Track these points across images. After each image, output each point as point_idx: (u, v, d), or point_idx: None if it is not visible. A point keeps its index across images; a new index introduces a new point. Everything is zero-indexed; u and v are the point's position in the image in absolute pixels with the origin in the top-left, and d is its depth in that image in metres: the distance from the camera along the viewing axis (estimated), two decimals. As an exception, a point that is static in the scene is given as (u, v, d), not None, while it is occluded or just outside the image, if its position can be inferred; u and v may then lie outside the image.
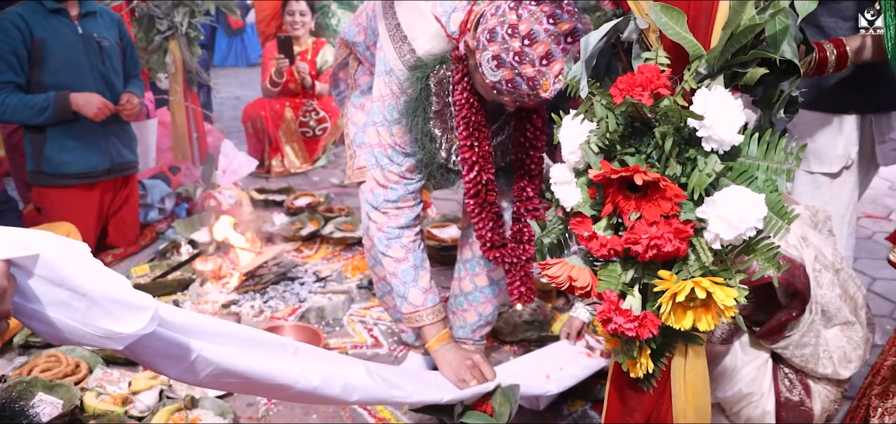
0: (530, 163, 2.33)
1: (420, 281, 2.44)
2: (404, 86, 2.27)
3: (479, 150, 2.25)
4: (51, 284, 1.26)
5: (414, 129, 2.28)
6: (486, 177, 2.29)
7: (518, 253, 2.38)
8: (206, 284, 3.65)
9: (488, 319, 2.79)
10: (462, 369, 2.32)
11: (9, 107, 3.65)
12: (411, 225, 2.44)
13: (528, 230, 2.37)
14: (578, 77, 1.45)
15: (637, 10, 1.45)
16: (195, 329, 1.58)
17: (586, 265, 1.49)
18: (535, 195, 2.36)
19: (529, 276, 2.43)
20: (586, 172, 1.44)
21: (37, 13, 3.73)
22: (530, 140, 2.30)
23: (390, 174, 2.38)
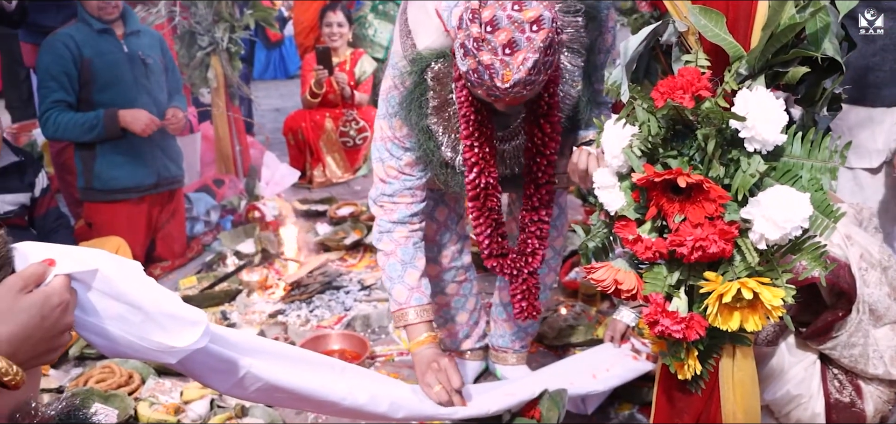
0: (538, 171, 2.21)
1: (407, 278, 2.35)
2: (403, 79, 2.22)
3: (480, 152, 2.15)
4: (109, 298, 1.30)
5: (409, 123, 2.23)
6: (485, 180, 2.19)
7: (519, 265, 2.30)
8: (253, 295, 3.70)
9: (528, 331, 2.80)
10: (428, 372, 2.21)
11: (60, 125, 3.75)
12: (406, 222, 2.36)
13: (532, 242, 2.29)
14: (619, 82, 1.46)
15: (675, 13, 1.46)
16: (244, 346, 1.62)
17: (631, 268, 1.49)
18: (542, 205, 2.25)
19: (533, 291, 2.35)
20: (629, 176, 1.45)
21: (85, 34, 3.82)
22: (538, 146, 2.17)
23: (389, 168, 2.33)
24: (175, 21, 4.87)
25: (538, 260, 2.30)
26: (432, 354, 2.27)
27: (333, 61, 5.84)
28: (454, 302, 2.82)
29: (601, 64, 2.24)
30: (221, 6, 4.93)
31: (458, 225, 2.74)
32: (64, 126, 3.76)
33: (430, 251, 2.65)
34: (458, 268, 2.76)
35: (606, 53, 2.24)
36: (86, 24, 3.84)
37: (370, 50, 6.20)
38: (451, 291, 2.79)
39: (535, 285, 2.34)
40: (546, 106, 2.09)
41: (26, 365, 1.13)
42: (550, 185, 2.22)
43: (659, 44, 1.53)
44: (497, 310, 2.81)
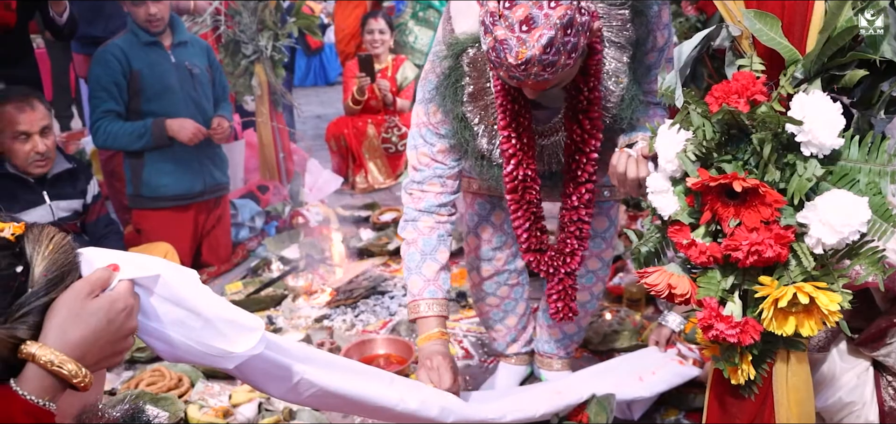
0: (577, 169, 2.13)
1: (424, 269, 2.25)
2: (439, 63, 2.16)
3: (518, 143, 2.08)
4: (169, 303, 1.33)
5: (444, 109, 2.16)
6: (523, 172, 2.11)
7: (556, 264, 2.24)
8: (298, 300, 3.73)
9: (574, 338, 2.79)
10: (421, 370, 2.14)
11: (110, 134, 3.83)
12: (433, 212, 2.26)
13: (571, 242, 2.22)
14: (673, 86, 1.47)
15: (729, 17, 1.46)
16: (297, 353, 1.64)
17: (685, 272, 1.49)
18: (582, 204, 2.17)
19: (570, 292, 2.29)
20: (683, 181, 1.45)
21: (134, 45, 3.90)
22: (577, 143, 2.09)
23: (422, 155, 2.25)
24: (220, 30, 4.94)
25: (576, 261, 2.24)
26: (433, 350, 2.18)
27: (375, 68, 5.88)
28: (505, 305, 2.77)
29: (653, 64, 2.15)
30: (265, 15, 4.99)
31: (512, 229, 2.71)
32: (114, 135, 3.84)
33: (486, 254, 2.63)
34: (511, 272, 2.70)
35: (659, 53, 2.14)
36: (134, 35, 3.91)
37: (411, 56, 6.23)
38: (503, 294, 2.74)
39: (572, 286, 2.29)
40: (586, 101, 2.02)
41: (93, 368, 1.16)
42: (590, 184, 2.14)
43: (710, 48, 1.53)
44: (544, 316, 2.80)
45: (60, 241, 1.20)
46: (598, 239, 2.56)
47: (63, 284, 1.16)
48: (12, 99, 3.22)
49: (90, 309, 1.15)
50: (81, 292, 1.16)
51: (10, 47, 3.52)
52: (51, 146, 3.28)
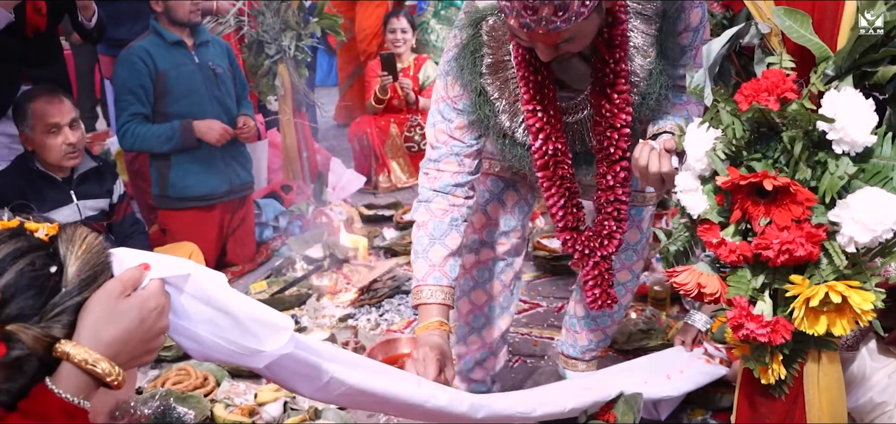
0: (610, 147, 2.01)
1: (431, 254, 2.08)
2: (458, 34, 2.07)
3: (545, 116, 1.97)
4: (199, 302, 1.33)
5: (462, 81, 2.05)
6: (553, 146, 2.01)
7: (592, 245, 2.12)
8: (323, 299, 3.75)
9: (600, 344, 2.77)
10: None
11: (139, 137, 3.87)
12: (448, 193, 2.11)
13: (609, 224, 2.10)
14: (702, 85, 1.46)
15: (758, 15, 1.45)
16: (326, 352, 1.64)
17: (714, 271, 1.49)
18: (617, 183, 2.05)
19: (607, 277, 2.18)
20: (712, 179, 1.44)
21: (159, 46, 3.93)
22: (607, 119, 1.97)
23: (439, 132, 2.12)
24: (243, 31, 4.96)
25: (614, 245, 2.13)
26: (427, 341, 1.99)
27: (397, 67, 5.89)
28: (489, 310, 2.57)
29: (688, 45, 2.03)
30: (288, 15, 5.01)
31: (524, 218, 2.54)
32: (142, 138, 3.87)
33: (489, 236, 2.48)
34: (508, 266, 2.53)
35: (694, 33, 2.01)
36: (159, 36, 3.95)
37: (433, 55, 6.24)
38: (493, 291, 2.55)
39: (609, 271, 2.18)
40: (612, 73, 1.92)
41: (126, 366, 1.17)
42: (625, 162, 2.02)
43: (738, 46, 1.52)
44: (570, 320, 2.77)
45: (93, 241, 1.21)
46: (630, 251, 2.52)
47: (96, 283, 1.17)
48: (41, 94, 3.28)
49: (122, 308, 1.16)
50: (114, 291, 1.17)
51: (41, 50, 3.56)
52: (79, 139, 3.34)
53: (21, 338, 1.07)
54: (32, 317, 1.09)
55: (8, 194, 3.24)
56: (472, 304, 2.53)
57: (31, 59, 3.54)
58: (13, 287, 1.08)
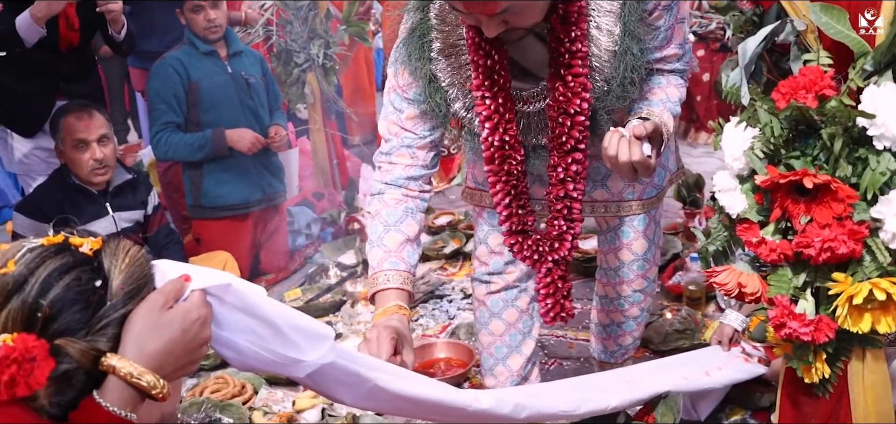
0: (562, 135, 1.84)
1: (386, 241, 1.92)
2: (408, 19, 1.94)
3: (494, 104, 1.82)
4: (240, 313, 1.34)
5: (410, 67, 1.91)
6: (500, 137, 1.86)
7: (542, 249, 1.97)
8: (357, 305, 3.77)
9: (630, 346, 2.75)
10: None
11: (172, 146, 3.91)
12: (401, 185, 1.96)
13: (559, 223, 1.94)
14: (738, 84, 1.45)
15: (793, 12, 1.44)
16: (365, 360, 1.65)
17: (754, 271, 1.48)
18: (569, 177, 1.88)
19: (561, 286, 2.02)
20: (751, 178, 1.43)
21: (192, 56, 3.98)
22: (561, 104, 1.80)
23: (391, 124, 1.99)
24: (272, 40, 4.99)
25: (566, 248, 1.97)
26: (382, 323, 1.80)
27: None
28: (510, 337, 2.44)
29: (662, 26, 1.88)
30: (316, 23, 5.03)
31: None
32: (174, 146, 3.92)
33: (496, 266, 2.36)
34: (522, 291, 2.40)
35: (667, 12, 1.86)
36: (192, 46, 3.99)
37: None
38: (510, 318, 2.42)
39: (562, 277, 2.02)
40: (567, 54, 1.76)
41: (170, 378, 1.18)
42: (578, 153, 1.86)
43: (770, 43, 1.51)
44: (596, 327, 2.74)
45: (136, 254, 1.22)
46: (640, 261, 2.44)
47: (139, 296, 1.18)
48: (72, 110, 3.32)
49: (165, 320, 1.17)
50: (156, 304, 1.18)
51: (75, 65, 3.62)
52: (109, 154, 3.36)
53: (69, 352, 1.09)
54: (79, 331, 1.11)
55: (46, 207, 3.29)
56: (492, 335, 2.45)
57: (66, 74, 3.60)
58: (60, 302, 1.10)
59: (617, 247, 2.43)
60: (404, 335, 1.76)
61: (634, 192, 2.29)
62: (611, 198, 2.30)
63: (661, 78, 1.97)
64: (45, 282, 1.10)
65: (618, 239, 2.42)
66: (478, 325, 2.49)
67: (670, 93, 1.95)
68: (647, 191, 2.31)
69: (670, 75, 1.98)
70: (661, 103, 1.90)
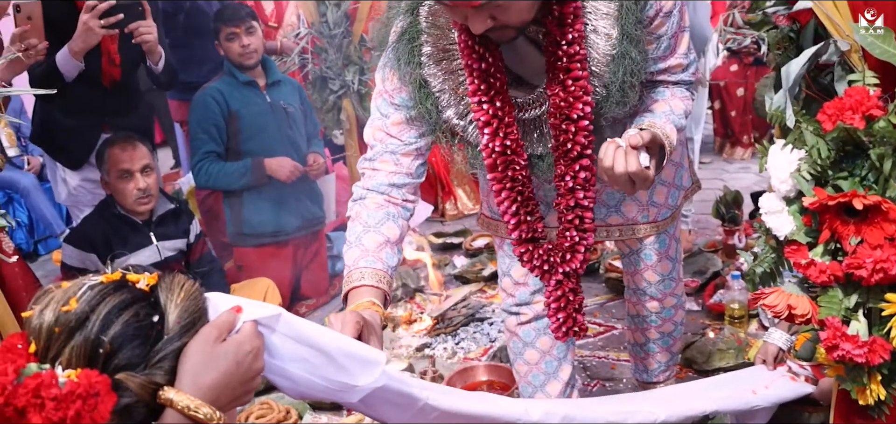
0: (567, 142, 1.78)
1: (365, 241, 1.80)
2: (397, 22, 1.87)
3: (492, 108, 1.76)
4: (291, 341, 1.36)
5: (399, 72, 1.84)
6: (501, 142, 1.79)
7: (553, 260, 1.91)
8: (398, 329, 3.78)
9: (669, 364, 2.73)
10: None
11: (212, 175, 3.98)
12: (383, 191, 1.86)
13: (571, 234, 1.87)
14: (783, 107, 1.45)
15: (835, 31, 1.44)
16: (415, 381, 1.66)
17: (803, 292, 1.47)
18: (578, 185, 1.82)
19: (572, 299, 1.96)
20: (798, 200, 1.42)
21: (231, 87, 4.05)
22: (563, 110, 1.75)
23: (376, 129, 1.90)
24: (307, 68, 5.05)
25: (578, 260, 1.90)
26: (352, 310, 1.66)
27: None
28: (546, 364, 2.39)
29: (665, 34, 1.83)
30: (350, 50, 5.08)
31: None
32: (215, 175, 3.98)
33: (523, 297, 2.32)
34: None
35: (668, 19, 1.80)
36: (232, 76, 4.06)
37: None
38: (544, 346, 2.38)
39: (573, 290, 1.95)
40: (566, 57, 1.72)
41: (226, 408, 1.21)
42: (585, 159, 1.79)
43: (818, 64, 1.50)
44: (632, 347, 2.73)
45: (191, 289, 1.25)
46: (667, 280, 2.43)
47: (194, 329, 1.21)
48: (116, 141, 3.40)
49: (219, 352, 1.20)
50: (210, 337, 1.20)
51: (120, 99, 3.69)
52: (152, 184, 3.42)
53: (129, 386, 1.11)
54: (138, 366, 1.14)
55: (93, 238, 3.37)
56: (528, 364, 2.43)
57: (110, 108, 3.67)
58: (121, 337, 1.12)
59: (641, 269, 2.42)
60: (372, 326, 1.60)
61: (648, 215, 2.26)
62: (625, 222, 2.27)
63: (666, 90, 1.91)
64: (105, 319, 1.13)
65: (640, 261, 2.41)
66: (513, 355, 2.47)
67: (674, 105, 1.88)
68: (662, 212, 2.28)
69: (675, 87, 1.92)
70: (665, 115, 1.83)
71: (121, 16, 3.28)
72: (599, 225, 2.18)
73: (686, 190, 2.39)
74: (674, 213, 2.32)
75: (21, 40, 2.99)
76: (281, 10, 5.45)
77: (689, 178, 2.42)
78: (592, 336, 3.58)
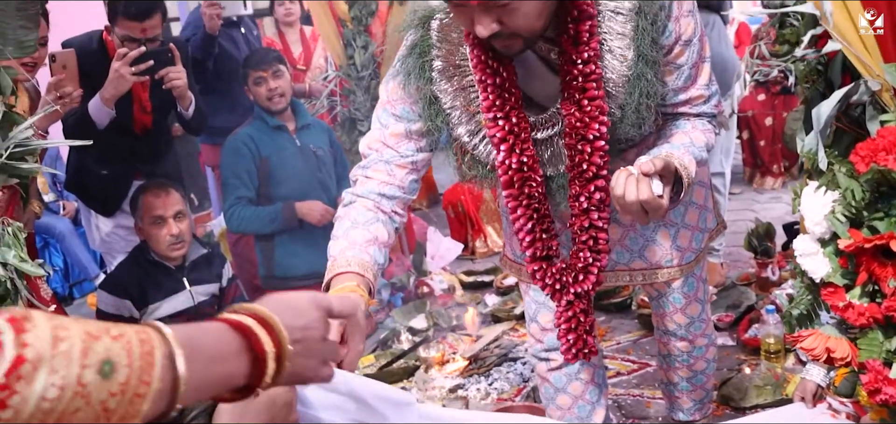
0: (582, 163, 1.74)
1: (352, 235, 1.72)
2: (406, 36, 1.84)
3: (508, 124, 1.72)
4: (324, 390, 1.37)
5: (408, 89, 1.80)
6: (518, 159, 1.75)
7: (565, 280, 1.85)
8: (431, 370, 3.78)
9: (703, 402, 2.70)
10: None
11: (244, 219, 4.02)
12: (372, 198, 1.80)
13: (585, 255, 1.83)
14: (814, 149, 1.45)
15: (865, 72, 1.44)
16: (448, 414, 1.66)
17: (842, 334, 1.46)
18: (593, 206, 1.77)
19: (583, 321, 1.90)
20: (833, 241, 1.42)
21: (262, 131, 4.10)
22: (578, 130, 1.72)
23: (373, 141, 1.87)
24: (336, 110, 5.10)
25: (591, 281, 1.86)
26: None
27: (487, 132, 5.94)
28: (578, 409, 2.36)
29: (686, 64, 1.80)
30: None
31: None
32: (247, 220, 4.02)
33: (551, 342, 2.24)
34: (582, 364, 2.31)
35: (688, 47, 1.78)
36: (262, 121, 4.11)
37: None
38: (576, 391, 2.35)
39: (584, 312, 1.90)
40: (581, 77, 1.69)
41: (261, 463, 1.21)
42: (601, 180, 1.75)
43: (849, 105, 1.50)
44: (664, 387, 2.69)
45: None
46: (697, 322, 2.37)
47: (228, 386, 1.22)
48: (150, 188, 3.46)
49: (253, 409, 1.20)
50: (241, 392, 1.21)
51: (151, 146, 3.75)
52: (184, 230, 3.47)
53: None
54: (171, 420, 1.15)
55: (127, 284, 3.41)
56: (560, 409, 2.40)
57: (143, 155, 3.73)
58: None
59: (669, 312, 2.38)
60: (355, 322, 1.47)
61: (673, 260, 2.20)
62: (649, 266, 2.22)
63: (686, 122, 1.87)
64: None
65: (668, 304, 2.36)
66: (545, 400, 2.43)
67: (695, 137, 1.83)
68: (686, 256, 2.21)
69: (696, 119, 1.88)
70: (684, 147, 1.77)
71: (151, 62, 3.35)
72: (622, 269, 2.18)
73: (711, 231, 2.33)
74: (698, 256, 2.26)
75: (56, 89, 3.05)
76: (309, 53, 5.52)
77: (714, 219, 2.35)
78: (626, 373, 3.55)
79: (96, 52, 3.47)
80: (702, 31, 1.80)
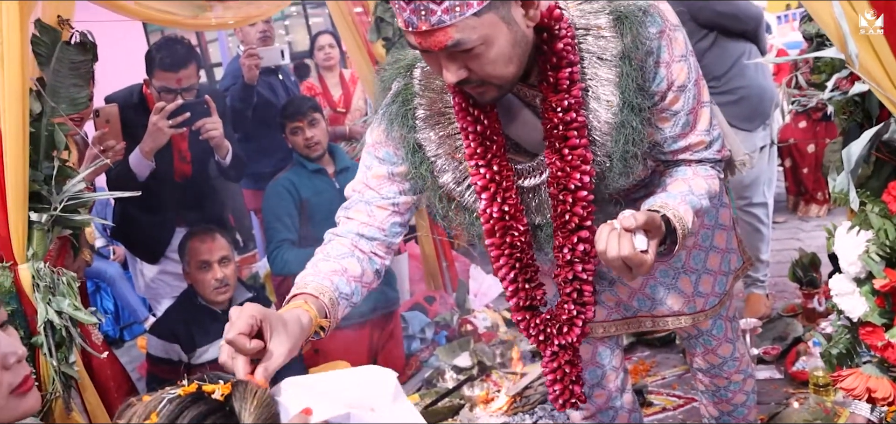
0: (566, 214, 1.70)
1: (320, 265, 1.72)
2: (386, 84, 1.83)
3: (489, 172, 1.69)
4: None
5: (391, 134, 1.79)
6: (499, 208, 1.71)
7: (549, 331, 1.80)
8: (476, 409, 3.78)
9: (745, 405, 2.62)
10: None
11: (287, 262, 4.08)
12: (349, 237, 1.78)
13: (569, 307, 1.77)
14: (846, 190, 1.43)
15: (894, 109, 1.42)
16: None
17: (883, 373, 1.44)
18: (576, 258, 1.72)
19: (570, 371, 1.84)
20: (868, 280, 1.40)
21: (302, 176, 4.17)
22: (560, 180, 1.68)
23: (357, 183, 1.87)
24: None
25: (576, 333, 1.80)
26: None
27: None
28: None
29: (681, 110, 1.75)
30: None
31: (611, 358, 2.34)
32: (290, 262, 4.07)
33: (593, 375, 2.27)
34: (618, 410, 2.34)
35: (682, 92, 1.73)
36: (302, 166, 4.18)
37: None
38: None
39: (570, 363, 1.84)
40: (562, 125, 1.64)
41: None
42: (584, 231, 1.71)
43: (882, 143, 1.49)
44: (709, 422, 2.67)
45: (263, 396, 1.29)
46: (730, 361, 2.34)
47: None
48: (196, 233, 3.54)
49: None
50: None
51: (193, 194, 3.83)
52: (230, 275, 3.52)
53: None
54: (214, 473, 1.17)
55: (175, 328, 3.48)
56: None
57: (185, 203, 3.82)
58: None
59: (701, 353, 2.36)
60: (280, 322, 1.44)
61: (695, 306, 2.14)
62: (671, 313, 2.17)
63: (687, 169, 1.83)
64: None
65: (700, 345, 2.33)
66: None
67: (695, 184, 1.78)
68: (709, 301, 2.15)
69: (697, 166, 1.83)
70: (681, 196, 1.72)
71: (187, 115, 3.45)
72: (645, 316, 2.17)
73: (736, 271, 2.25)
74: (723, 299, 2.19)
75: (100, 142, 3.14)
76: (348, 95, 5.59)
77: (739, 259, 2.25)
78: (672, 408, 3.52)
79: (137, 105, 3.61)
80: (698, 76, 1.76)
